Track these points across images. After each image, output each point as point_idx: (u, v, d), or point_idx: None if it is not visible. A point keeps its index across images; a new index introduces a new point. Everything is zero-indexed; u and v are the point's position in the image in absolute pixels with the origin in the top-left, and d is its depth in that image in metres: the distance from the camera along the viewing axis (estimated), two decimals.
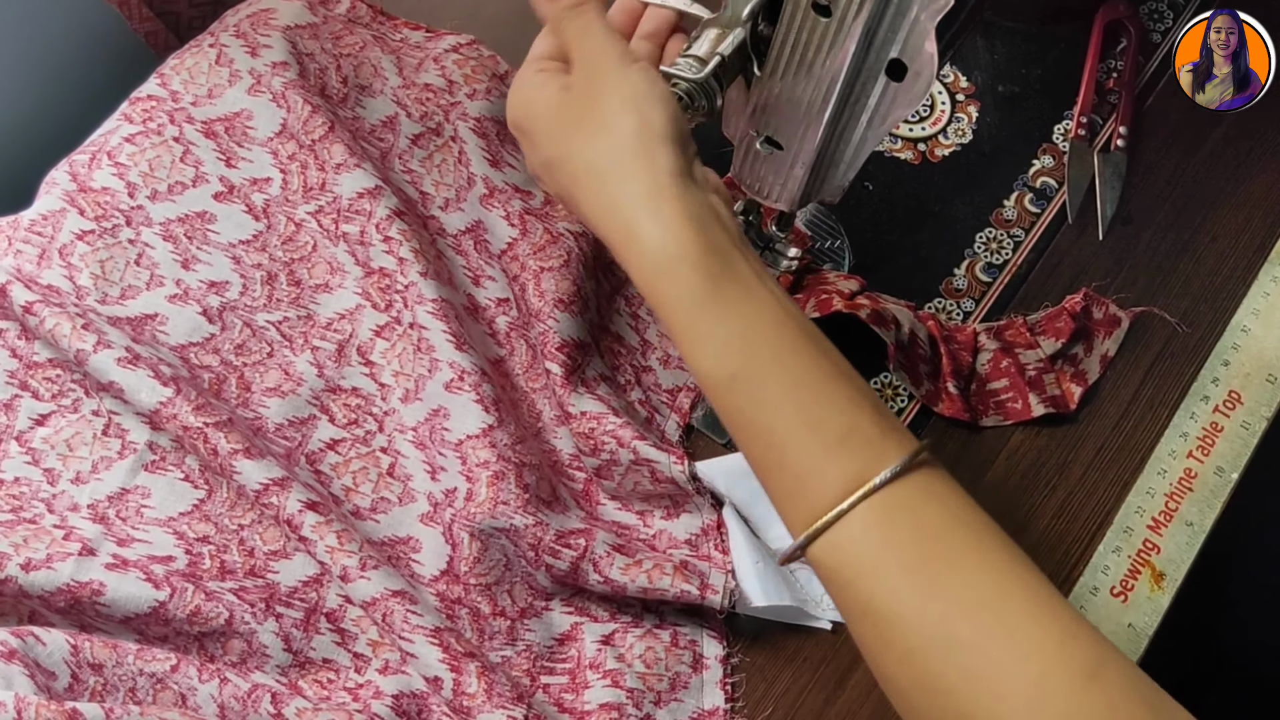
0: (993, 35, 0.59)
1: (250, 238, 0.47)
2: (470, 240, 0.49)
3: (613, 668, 0.42)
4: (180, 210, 0.46)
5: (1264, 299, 0.51)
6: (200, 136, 0.47)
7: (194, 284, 0.46)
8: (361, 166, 0.47)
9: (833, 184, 0.46)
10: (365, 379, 0.46)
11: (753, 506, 0.45)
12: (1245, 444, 0.47)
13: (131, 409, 0.42)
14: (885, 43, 0.38)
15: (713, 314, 0.34)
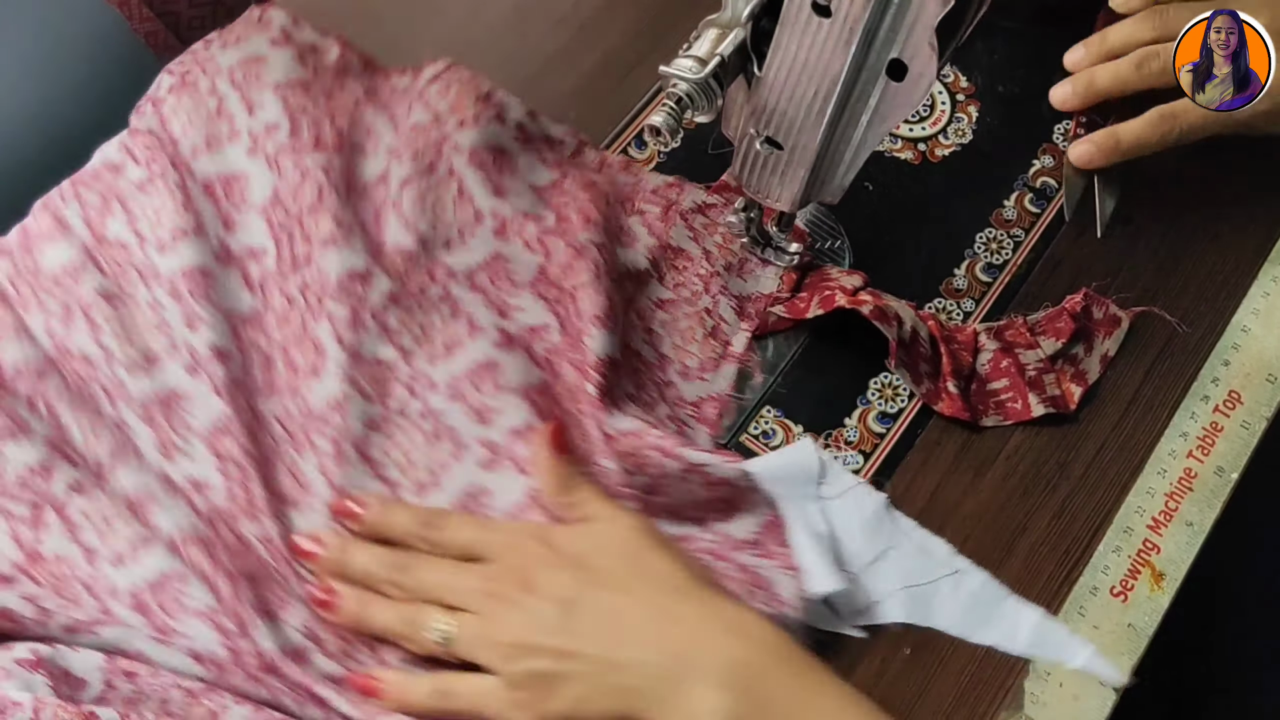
0: (993, 35, 0.59)
1: (248, 313, 0.45)
2: (486, 275, 0.48)
3: None
4: (182, 263, 0.45)
5: (1264, 299, 0.51)
6: (200, 194, 0.46)
7: (202, 351, 0.44)
8: (350, 245, 0.45)
9: (833, 184, 0.46)
10: (371, 480, 0.44)
11: (784, 506, 0.45)
12: (1245, 444, 0.47)
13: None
14: (885, 43, 0.38)
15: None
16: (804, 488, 0.45)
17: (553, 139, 0.52)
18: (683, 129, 0.51)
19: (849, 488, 0.46)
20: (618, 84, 0.59)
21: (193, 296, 0.44)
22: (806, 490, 0.45)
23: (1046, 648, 0.43)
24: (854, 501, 0.45)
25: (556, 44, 0.60)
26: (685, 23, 0.60)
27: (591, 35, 0.61)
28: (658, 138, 0.39)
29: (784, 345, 0.50)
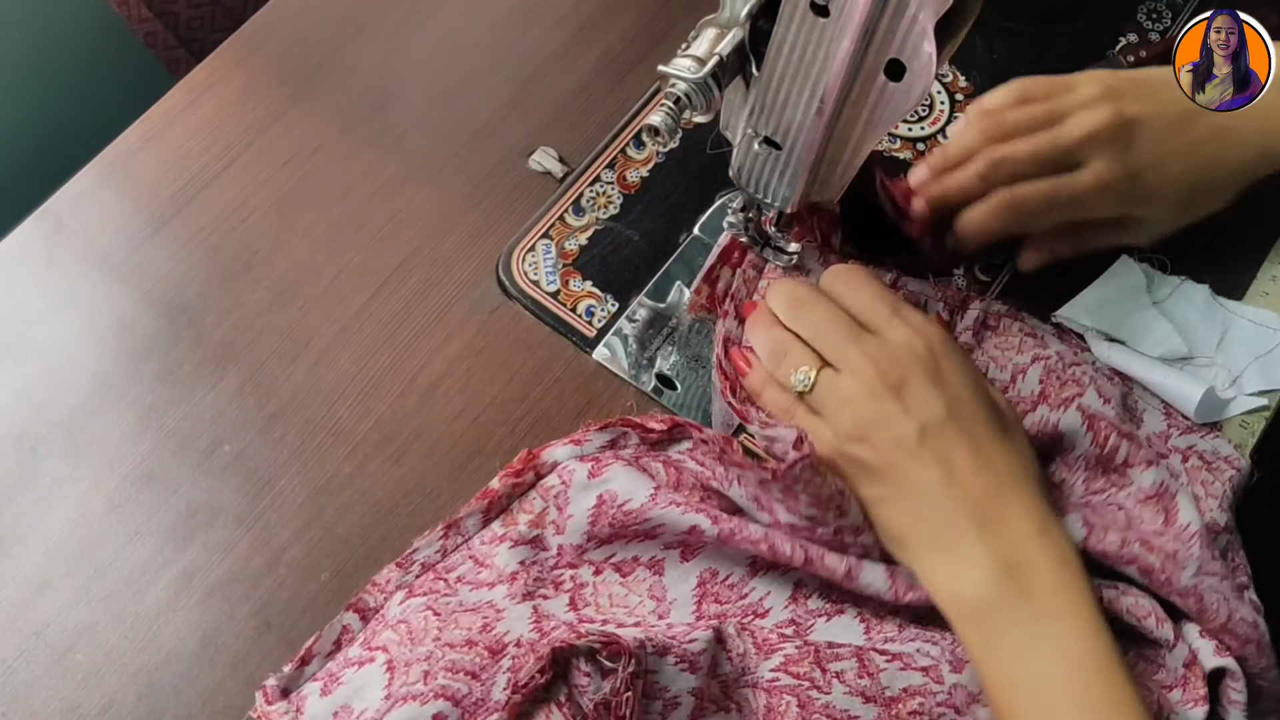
0: (992, 35, 0.59)
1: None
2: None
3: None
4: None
5: (1263, 298, 0.51)
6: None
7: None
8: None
9: (831, 184, 0.46)
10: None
11: (1122, 326, 0.48)
12: (1244, 443, 0.47)
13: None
14: (884, 43, 0.38)
15: (1091, 599, 0.39)
16: (1138, 298, 0.49)
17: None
18: (681, 129, 0.51)
19: (1175, 286, 0.50)
20: (617, 84, 0.59)
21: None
22: (1140, 300, 0.49)
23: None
24: (1184, 297, 0.50)
25: (556, 44, 0.60)
26: (684, 23, 0.60)
27: (591, 35, 0.61)
28: (656, 137, 0.39)
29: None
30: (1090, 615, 0.38)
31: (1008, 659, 0.38)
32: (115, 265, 0.54)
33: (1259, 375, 0.48)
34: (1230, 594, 0.41)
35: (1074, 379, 0.46)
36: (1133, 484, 0.44)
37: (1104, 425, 0.44)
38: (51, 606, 0.46)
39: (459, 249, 0.54)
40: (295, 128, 0.58)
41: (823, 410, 0.43)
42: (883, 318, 0.43)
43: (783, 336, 0.44)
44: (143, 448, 0.49)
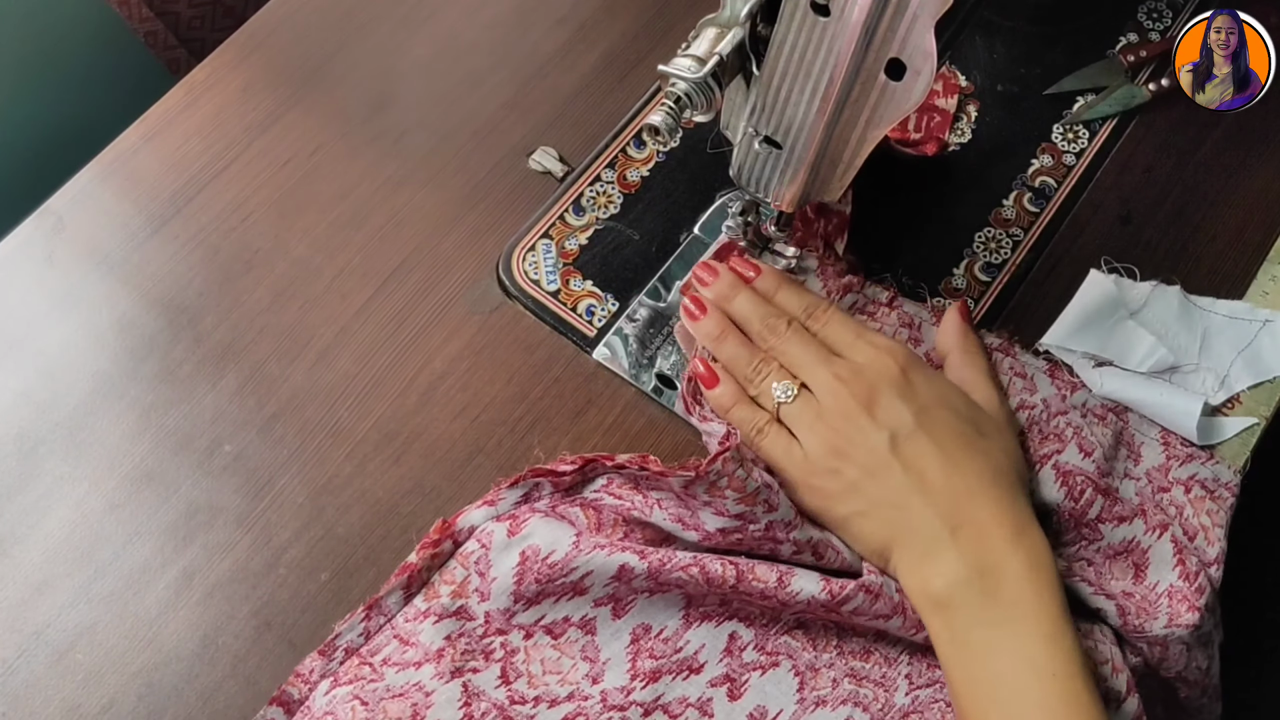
0: (992, 35, 0.59)
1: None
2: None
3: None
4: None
5: (1263, 298, 0.51)
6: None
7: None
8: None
9: (831, 183, 0.46)
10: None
11: (1106, 346, 0.48)
12: (1244, 443, 0.47)
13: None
14: (884, 42, 0.38)
15: (1060, 606, 0.39)
16: (1115, 312, 0.49)
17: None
18: (681, 128, 0.51)
19: (1148, 292, 0.49)
20: (617, 83, 0.59)
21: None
22: (1118, 314, 0.49)
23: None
24: (1160, 302, 0.49)
25: (556, 43, 0.60)
26: (684, 22, 0.60)
27: (591, 35, 0.61)
28: (656, 137, 0.39)
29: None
30: (1056, 619, 0.39)
31: (972, 657, 0.39)
32: (115, 265, 0.54)
33: (1246, 370, 0.48)
34: (1195, 643, 0.41)
35: (1056, 432, 0.46)
36: (1103, 539, 0.44)
37: (1080, 480, 0.44)
38: (51, 606, 0.46)
39: (459, 248, 0.54)
40: (295, 127, 0.58)
41: (796, 428, 0.44)
42: (848, 342, 0.46)
43: (764, 356, 0.46)
44: (143, 447, 0.49)
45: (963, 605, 0.39)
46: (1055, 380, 0.48)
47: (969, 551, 0.40)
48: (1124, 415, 0.47)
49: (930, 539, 0.41)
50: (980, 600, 0.39)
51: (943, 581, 0.40)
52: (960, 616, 0.39)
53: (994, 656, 0.38)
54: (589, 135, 0.57)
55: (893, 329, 0.49)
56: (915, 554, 0.41)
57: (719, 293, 0.48)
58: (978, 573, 0.40)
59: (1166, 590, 0.42)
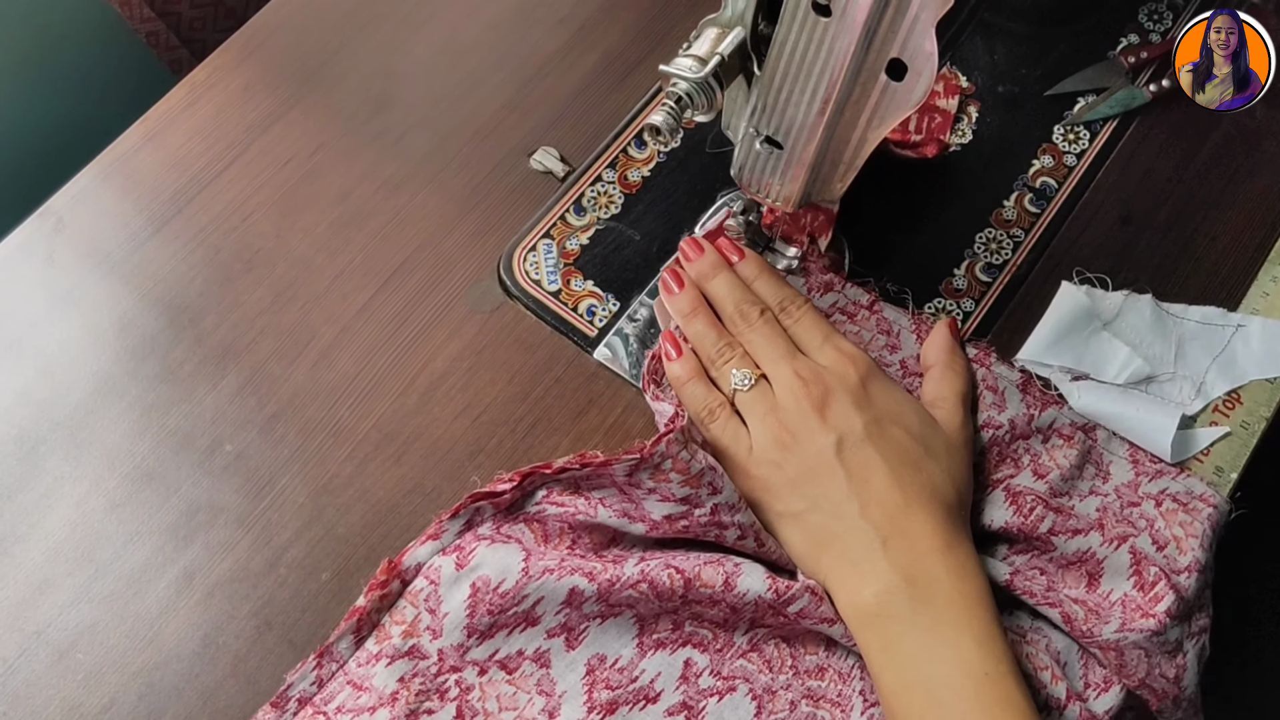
0: (993, 35, 0.59)
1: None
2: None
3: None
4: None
5: (1263, 299, 0.51)
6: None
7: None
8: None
9: (832, 184, 0.46)
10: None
11: (1082, 359, 0.48)
12: (1245, 444, 0.47)
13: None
14: (885, 42, 0.38)
15: (990, 611, 0.40)
16: (1089, 324, 0.49)
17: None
18: (682, 128, 0.51)
19: (1120, 303, 0.49)
20: (618, 83, 0.59)
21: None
22: (1092, 325, 0.49)
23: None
24: (1133, 311, 0.49)
25: (556, 44, 0.60)
26: (685, 23, 0.60)
27: (592, 35, 0.61)
28: (657, 137, 0.39)
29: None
30: (986, 624, 0.39)
31: (904, 664, 0.39)
32: (116, 265, 0.54)
33: (1221, 376, 0.48)
34: (1156, 650, 0.41)
35: (1014, 456, 0.46)
36: (1056, 550, 0.44)
37: (1030, 499, 0.44)
38: (52, 606, 0.46)
39: (460, 248, 0.54)
40: (296, 127, 0.58)
41: (748, 417, 0.45)
42: (816, 343, 0.47)
43: (730, 341, 0.47)
44: (143, 447, 0.49)
45: (894, 614, 0.40)
46: (1026, 396, 0.48)
47: (899, 561, 0.40)
48: (1093, 434, 0.47)
49: (862, 549, 0.41)
50: (911, 607, 0.39)
51: (872, 591, 0.40)
52: (892, 625, 0.40)
53: (926, 661, 0.39)
54: (590, 135, 0.57)
55: (870, 334, 0.49)
56: (846, 564, 0.41)
57: (699, 271, 0.49)
58: (907, 581, 0.40)
59: (1120, 599, 0.43)
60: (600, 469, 0.43)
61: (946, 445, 0.44)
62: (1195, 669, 0.41)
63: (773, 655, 0.42)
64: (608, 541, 0.44)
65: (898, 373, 0.49)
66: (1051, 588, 0.43)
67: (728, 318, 0.48)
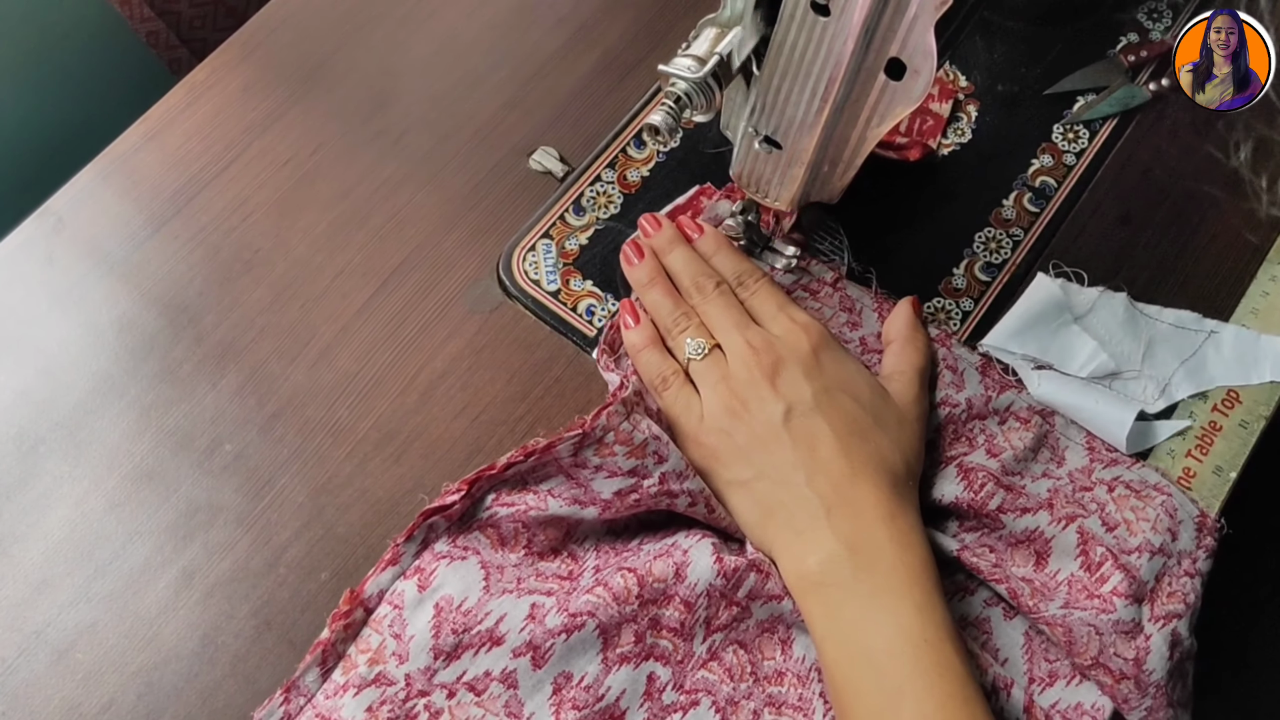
0: (992, 34, 0.59)
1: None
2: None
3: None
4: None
5: (1263, 298, 0.51)
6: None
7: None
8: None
9: (831, 183, 0.46)
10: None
11: (1048, 349, 0.48)
12: (1244, 443, 0.47)
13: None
14: (884, 42, 0.38)
15: (932, 580, 0.40)
16: (1059, 316, 0.49)
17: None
18: (681, 128, 0.51)
19: (1094, 298, 0.50)
20: (617, 83, 0.59)
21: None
22: (1062, 318, 0.49)
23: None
24: (1105, 308, 0.49)
25: (556, 43, 0.60)
26: (684, 22, 0.60)
27: (591, 35, 0.61)
28: (656, 137, 0.39)
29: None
30: (927, 593, 0.39)
31: (845, 632, 0.40)
32: (116, 264, 0.54)
33: (1188, 379, 0.48)
34: (1108, 629, 0.41)
35: (969, 435, 0.47)
36: (1005, 528, 0.44)
37: (982, 475, 0.45)
38: (51, 606, 0.46)
39: (459, 248, 0.54)
40: (296, 127, 0.58)
41: (701, 386, 0.46)
42: (770, 314, 0.47)
43: (687, 310, 0.48)
44: (143, 447, 0.50)
45: (836, 582, 0.40)
46: (985, 378, 0.48)
47: (842, 530, 0.41)
48: (1050, 418, 0.47)
49: (807, 517, 0.42)
50: (853, 574, 0.40)
51: (816, 559, 0.41)
52: (834, 593, 0.40)
53: (867, 628, 0.39)
54: (589, 135, 0.57)
55: (832, 310, 0.50)
56: (791, 532, 0.42)
57: (658, 243, 0.50)
58: (850, 549, 0.40)
59: (1066, 580, 0.43)
60: (545, 454, 0.43)
61: (898, 417, 0.44)
62: (1164, 655, 0.41)
63: (732, 663, 0.42)
64: (563, 537, 0.45)
65: (857, 349, 0.49)
66: (999, 564, 0.44)
67: (685, 289, 0.49)
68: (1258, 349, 0.49)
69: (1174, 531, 0.44)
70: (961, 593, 0.44)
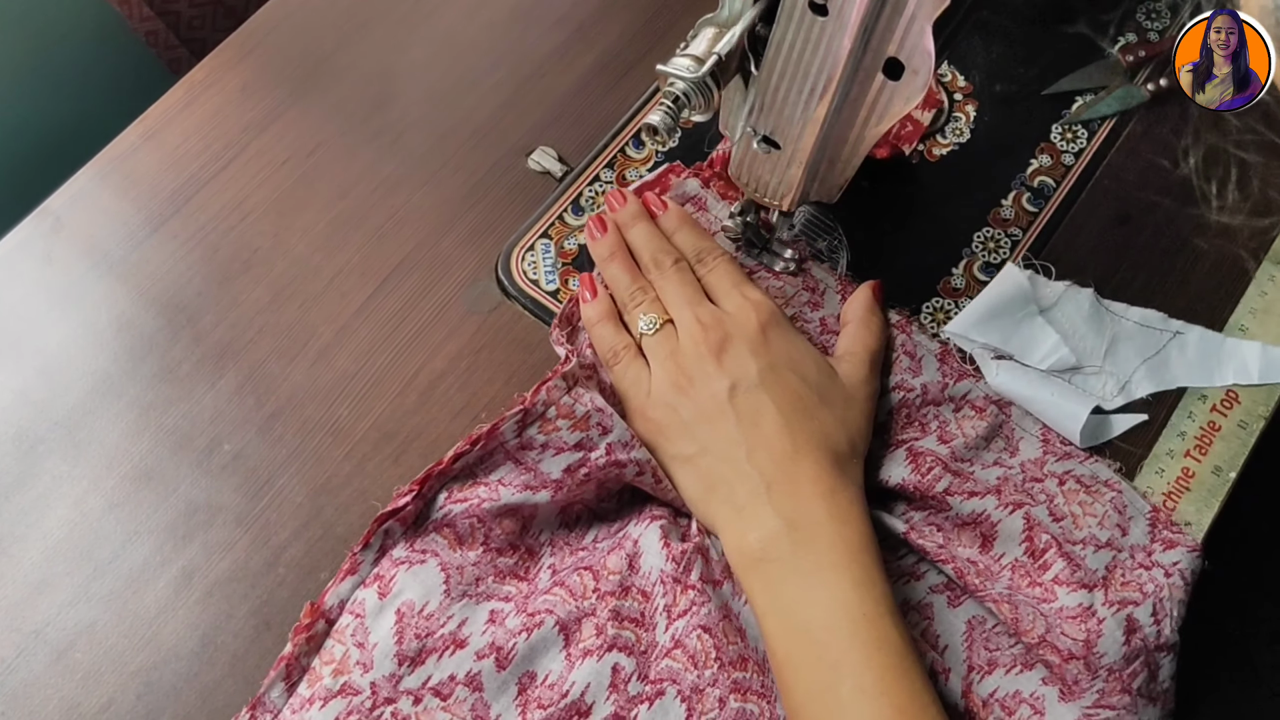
0: (990, 34, 0.59)
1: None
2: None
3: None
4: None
5: (1261, 298, 0.51)
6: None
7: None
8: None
9: (830, 183, 0.46)
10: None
11: (1010, 339, 0.48)
12: (1243, 443, 0.47)
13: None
14: (882, 41, 0.38)
15: (871, 556, 0.40)
16: (1024, 307, 0.49)
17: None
18: (680, 128, 0.51)
19: (1061, 292, 0.50)
20: (615, 83, 0.59)
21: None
22: (1027, 309, 0.49)
23: (1278, 371, 0.48)
24: (1071, 303, 0.49)
25: (554, 43, 0.60)
26: (682, 22, 0.60)
27: (589, 35, 0.61)
28: (655, 137, 0.39)
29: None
30: (866, 568, 0.40)
31: (785, 607, 0.40)
32: (114, 264, 0.54)
33: (1149, 378, 0.48)
34: (1051, 611, 0.41)
35: (921, 420, 0.47)
36: (951, 510, 0.44)
37: (930, 459, 0.45)
38: (51, 605, 0.46)
39: (458, 248, 0.54)
40: (294, 127, 0.58)
41: (652, 360, 0.47)
42: (724, 291, 0.48)
43: (644, 285, 0.49)
44: (142, 447, 0.50)
45: (776, 558, 0.40)
46: (943, 365, 0.48)
47: (782, 506, 0.41)
48: (1006, 409, 0.48)
49: (747, 493, 0.42)
50: (793, 551, 0.40)
51: (756, 536, 0.41)
52: (774, 569, 0.40)
53: (806, 603, 0.39)
54: (588, 135, 0.57)
55: (795, 289, 0.51)
56: (732, 508, 0.42)
57: (621, 218, 0.51)
58: (789, 525, 0.41)
59: (1010, 564, 0.43)
60: (490, 438, 0.44)
61: (844, 396, 0.45)
62: (1118, 640, 0.40)
63: (696, 649, 0.42)
64: (519, 530, 0.45)
65: (816, 329, 0.50)
66: (945, 545, 0.44)
67: (644, 265, 0.49)
68: (1222, 352, 0.49)
69: (1123, 527, 0.44)
70: (908, 577, 0.45)
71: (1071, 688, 0.41)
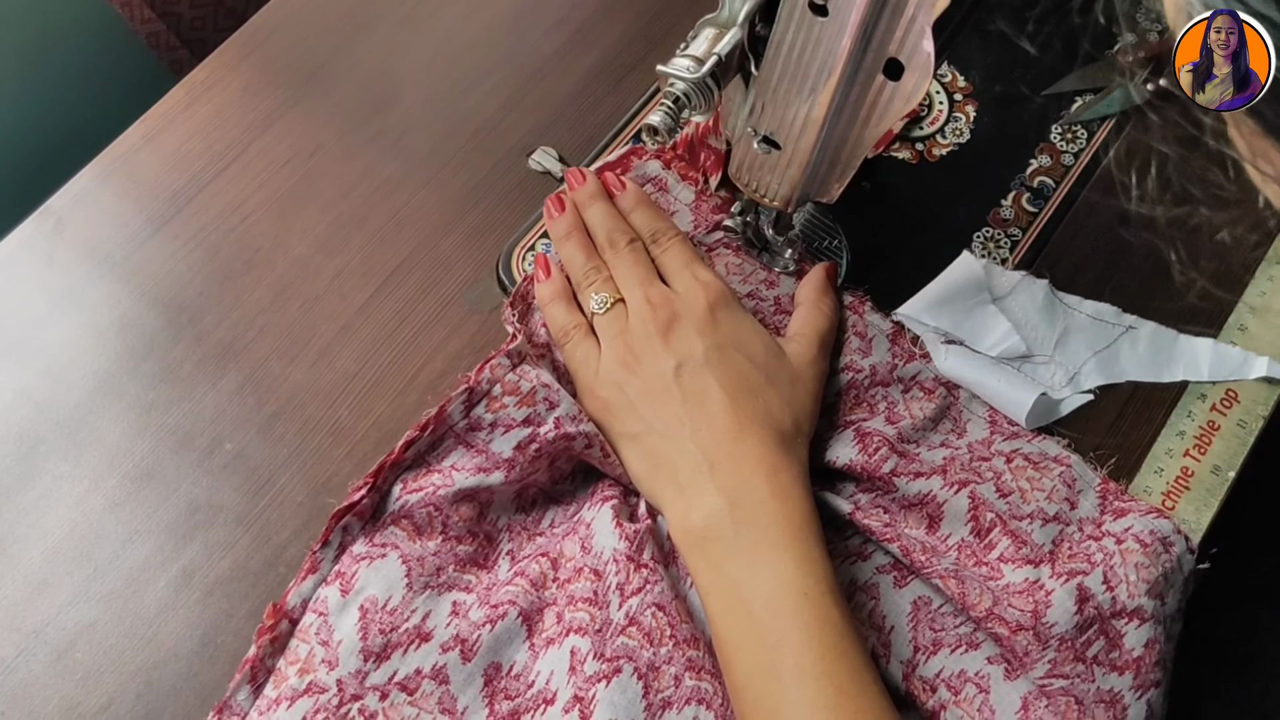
0: (990, 35, 0.59)
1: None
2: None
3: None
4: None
5: (1260, 297, 0.51)
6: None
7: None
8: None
9: (830, 183, 0.46)
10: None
11: (961, 325, 0.49)
12: (1242, 443, 0.47)
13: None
14: (882, 42, 0.38)
15: (813, 534, 0.41)
16: (978, 294, 0.49)
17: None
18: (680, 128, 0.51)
19: (1016, 282, 0.50)
20: (616, 84, 0.59)
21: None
22: (980, 297, 0.49)
23: (1227, 369, 0.49)
24: (1025, 293, 0.50)
25: (555, 44, 0.60)
26: (683, 23, 0.60)
27: (589, 36, 0.61)
28: (655, 137, 0.40)
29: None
30: (808, 546, 0.40)
31: (728, 586, 0.40)
32: (116, 264, 0.55)
33: (1098, 370, 0.49)
34: (999, 589, 0.42)
35: (870, 401, 0.47)
36: (897, 491, 0.45)
37: (877, 440, 0.45)
38: (51, 605, 0.46)
39: (459, 248, 0.54)
40: (295, 127, 0.58)
41: (602, 339, 0.47)
42: (675, 270, 0.48)
43: (598, 264, 0.49)
44: (143, 446, 0.50)
45: (719, 537, 0.40)
46: (894, 346, 0.49)
47: (725, 484, 0.41)
48: (955, 391, 0.48)
49: (691, 472, 0.42)
50: (734, 529, 0.40)
51: (699, 514, 0.41)
52: (717, 547, 0.40)
53: (748, 582, 0.39)
54: (588, 135, 0.57)
55: (752, 268, 0.51)
56: (675, 487, 0.43)
57: (579, 197, 0.51)
58: (732, 503, 0.41)
59: (957, 544, 0.44)
60: (438, 421, 0.44)
61: (791, 376, 0.45)
62: (1069, 610, 0.40)
63: (651, 626, 0.42)
64: (477, 517, 0.45)
65: (771, 308, 0.50)
66: (891, 524, 0.44)
67: (600, 244, 0.50)
68: (1174, 349, 0.49)
69: (1072, 500, 0.44)
70: (854, 557, 0.45)
71: (1022, 659, 0.41)
